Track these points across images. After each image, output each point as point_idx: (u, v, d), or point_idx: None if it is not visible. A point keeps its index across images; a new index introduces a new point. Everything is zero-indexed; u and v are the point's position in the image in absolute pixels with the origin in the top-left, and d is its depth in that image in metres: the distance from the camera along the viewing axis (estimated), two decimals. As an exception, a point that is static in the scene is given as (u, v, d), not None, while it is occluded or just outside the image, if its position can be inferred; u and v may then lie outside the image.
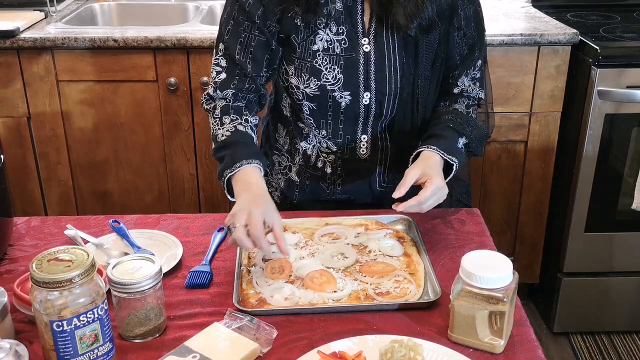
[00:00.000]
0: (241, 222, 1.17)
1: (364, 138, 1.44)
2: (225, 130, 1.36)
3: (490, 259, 1.05)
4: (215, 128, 1.38)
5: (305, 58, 1.36)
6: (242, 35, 1.35)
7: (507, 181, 2.41)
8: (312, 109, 1.40)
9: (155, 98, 2.27)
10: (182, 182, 2.40)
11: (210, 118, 1.41)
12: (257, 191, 1.26)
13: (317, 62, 1.35)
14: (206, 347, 1.01)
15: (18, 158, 2.33)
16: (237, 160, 1.30)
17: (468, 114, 1.43)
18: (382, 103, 1.39)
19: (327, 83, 1.36)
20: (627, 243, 2.33)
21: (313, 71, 1.36)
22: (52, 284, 0.91)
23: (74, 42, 2.16)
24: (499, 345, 1.03)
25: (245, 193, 1.25)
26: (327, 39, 1.35)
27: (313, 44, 1.35)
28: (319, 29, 1.34)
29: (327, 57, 1.35)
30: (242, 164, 1.29)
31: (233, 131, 1.35)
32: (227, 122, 1.37)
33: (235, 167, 1.29)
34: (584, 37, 2.20)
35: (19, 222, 1.41)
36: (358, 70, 1.36)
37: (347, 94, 1.37)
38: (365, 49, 1.36)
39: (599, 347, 2.40)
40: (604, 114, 2.15)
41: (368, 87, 1.37)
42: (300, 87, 1.38)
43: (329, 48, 1.35)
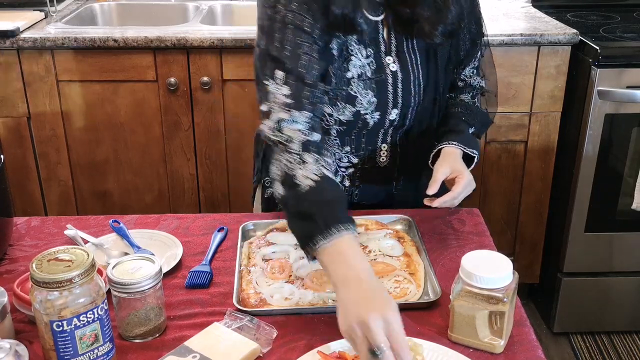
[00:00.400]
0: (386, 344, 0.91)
1: (384, 147, 1.43)
2: (310, 173, 1.12)
3: (490, 259, 1.05)
4: (292, 167, 1.14)
5: (340, 87, 1.32)
6: (304, 57, 1.21)
7: (507, 181, 2.41)
8: (340, 131, 1.38)
9: (155, 98, 2.27)
10: (182, 182, 2.40)
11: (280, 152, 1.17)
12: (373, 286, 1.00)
13: (352, 89, 1.32)
14: (206, 347, 1.01)
15: (18, 158, 2.33)
16: (331, 225, 1.05)
17: (474, 104, 1.46)
18: (406, 115, 1.39)
19: (362, 108, 1.34)
20: (627, 243, 2.33)
21: (349, 99, 1.33)
22: (52, 284, 0.91)
23: (74, 42, 2.16)
24: (499, 345, 1.03)
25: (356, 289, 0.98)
26: (360, 63, 1.32)
27: (347, 71, 1.32)
28: (352, 55, 1.31)
29: (361, 82, 1.32)
30: (340, 230, 1.05)
31: (321, 176, 1.12)
32: (310, 161, 1.14)
33: (331, 235, 1.04)
34: (584, 37, 2.20)
35: (19, 222, 1.41)
36: (387, 90, 1.35)
37: (377, 114, 1.36)
38: (392, 68, 1.34)
39: (599, 347, 2.40)
40: (604, 114, 2.15)
41: (396, 104, 1.36)
42: (334, 115, 1.35)
43: (362, 73, 1.32)
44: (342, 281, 1.00)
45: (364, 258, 1.04)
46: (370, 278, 1.00)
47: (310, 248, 1.06)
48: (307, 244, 1.07)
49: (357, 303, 0.95)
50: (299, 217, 1.10)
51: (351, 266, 1.02)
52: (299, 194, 1.11)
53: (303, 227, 1.09)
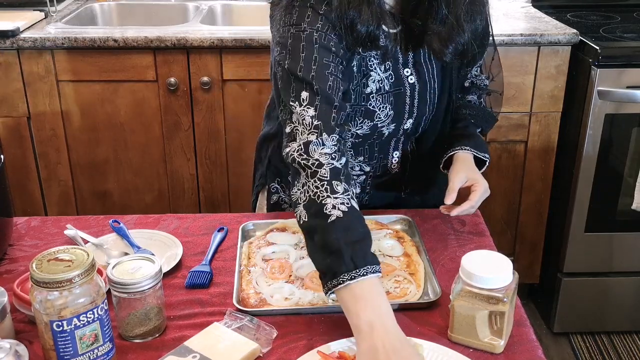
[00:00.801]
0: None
1: (396, 154, 1.42)
2: (339, 203, 1.09)
3: (490, 259, 1.05)
4: (321, 194, 1.10)
5: (359, 103, 1.30)
6: (331, 78, 1.18)
7: (507, 181, 2.41)
8: (355, 142, 1.37)
9: (155, 98, 2.27)
10: (182, 182, 2.40)
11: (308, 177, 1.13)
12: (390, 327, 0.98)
13: (370, 105, 1.31)
14: (206, 347, 1.01)
15: (18, 158, 2.33)
16: (359, 265, 1.02)
17: (481, 104, 1.46)
18: (419, 123, 1.39)
19: (379, 122, 1.33)
20: (627, 243, 2.33)
21: (367, 114, 1.31)
22: (52, 284, 0.91)
23: (74, 42, 2.16)
24: (499, 345, 1.03)
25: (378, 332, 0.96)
26: (379, 78, 1.30)
27: (366, 87, 1.29)
28: (370, 71, 1.29)
29: (379, 97, 1.30)
30: (367, 274, 1.02)
31: (349, 207, 1.09)
32: (339, 191, 1.10)
33: (356, 275, 1.02)
34: (584, 37, 2.20)
35: (19, 222, 1.41)
36: (405, 102, 1.34)
37: (392, 125, 1.35)
38: (410, 81, 1.32)
39: (599, 347, 2.40)
40: (604, 114, 2.15)
41: (411, 115, 1.35)
42: (352, 130, 1.33)
43: (380, 88, 1.30)
44: (366, 325, 0.97)
45: (388, 304, 1.01)
46: (396, 327, 0.98)
47: (332, 284, 1.03)
48: (329, 279, 1.03)
49: (386, 353, 0.93)
50: (324, 250, 1.06)
51: (376, 312, 0.98)
52: (326, 224, 1.07)
53: (327, 260, 1.05)
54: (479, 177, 1.31)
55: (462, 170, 1.32)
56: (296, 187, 1.15)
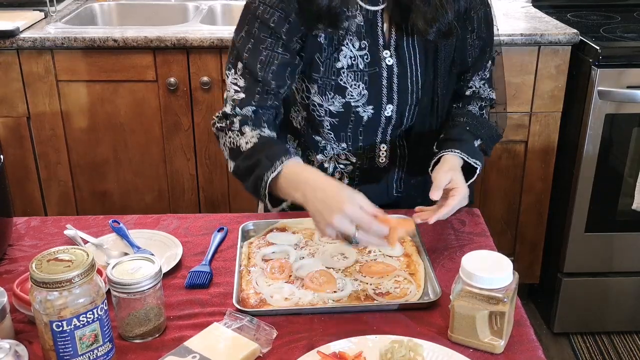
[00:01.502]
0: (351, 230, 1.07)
1: (383, 147, 1.42)
2: (249, 138, 1.25)
3: (490, 259, 1.05)
4: (235, 140, 1.27)
5: (329, 76, 1.32)
6: (264, 52, 1.28)
7: (507, 181, 2.41)
8: (333, 124, 1.38)
9: (155, 98, 2.27)
10: (182, 182, 2.40)
11: (224, 136, 1.30)
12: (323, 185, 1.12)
13: (341, 80, 1.33)
14: (206, 348, 1.01)
15: (18, 158, 2.33)
16: (275, 160, 1.17)
17: (482, 116, 1.44)
18: (403, 113, 1.38)
19: (352, 100, 1.34)
20: (627, 243, 2.33)
21: (338, 89, 1.33)
22: (51, 284, 0.91)
23: (73, 42, 2.16)
24: (499, 345, 1.03)
25: (309, 193, 1.11)
26: (351, 55, 1.32)
27: (337, 61, 1.32)
28: (342, 46, 1.31)
29: (351, 74, 1.32)
30: (283, 161, 1.17)
31: (259, 137, 1.25)
32: (248, 130, 1.27)
33: (276, 167, 1.16)
34: (584, 37, 2.20)
35: (18, 222, 1.41)
36: (382, 85, 1.34)
37: (370, 108, 1.35)
38: (388, 62, 1.33)
39: (599, 347, 2.40)
40: (604, 114, 2.15)
41: (391, 100, 1.36)
42: (324, 105, 1.35)
43: (353, 64, 1.32)
44: (302, 196, 1.12)
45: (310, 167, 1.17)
46: (317, 178, 1.13)
47: (262, 188, 1.17)
48: (259, 185, 1.17)
49: (321, 211, 1.08)
50: (248, 173, 1.21)
51: (299, 177, 1.14)
52: (244, 156, 1.24)
53: (253, 176, 1.19)
54: (460, 184, 1.26)
55: (448, 170, 1.29)
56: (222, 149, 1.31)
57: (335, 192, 1.10)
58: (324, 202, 1.09)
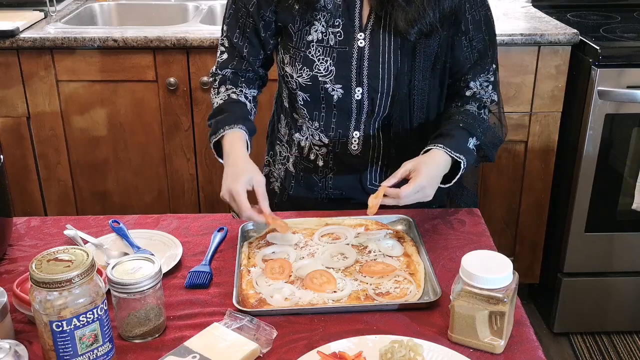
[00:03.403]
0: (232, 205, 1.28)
1: (356, 134, 1.44)
2: (219, 99, 1.44)
3: (490, 259, 1.05)
4: (212, 98, 1.46)
5: (299, 48, 1.37)
6: (240, 20, 1.42)
7: (507, 181, 2.41)
8: (306, 99, 1.42)
9: (155, 98, 2.27)
10: (181, 182, 2.40)
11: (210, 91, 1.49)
12: (234, 161, 1.32)
13: (310, 53, 1.37)
14: (206, 348, 1.01)
15: (18, 158, 2.33)
16: (220, 127, 1.36)
17: (480, 115, 1.42)
18: (374, 100, 1.39)
19: (319, 74, 1.37)
20: (627, 243, 2.33)
21: (306, 61, 1.37)
22: (51, 284, 0.91)
23: (73, 42, 2.16)
24: (499, 345, 1.03)
25: (227, 167, 1.32)
26: (322, 30, 1.36)
27: (308, 34, 1.36)
28: (314, 20, 1.35)
29: (320, 48, 1.36)
30: (225, 130, 1.35)
31: (226, 99, 1.43)
32: (222, 91, 1.44)
33: (218, 133, 1.36)
34: (584, 37, 2.20)
35: (18, 222, 1.41)
36: (351, 65, 1.37)
37: (339, 87, 1.38)
38: (359, 44, 1.36)
39: (599, 347, 2.40)
40: (604, 114, 2.15)
41: (360, 83, 1.38)
42: (294, 76, 1.40)
43: (323, 39, 1.36)
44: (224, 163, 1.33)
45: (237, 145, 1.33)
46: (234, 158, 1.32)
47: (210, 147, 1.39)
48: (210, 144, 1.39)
49: (224, 179, 1.29)
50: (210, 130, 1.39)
51: (228, 154, 1.33)
52: (211, 113, 1.42)
53: (209, 134, 1.39)
54: (423, 173, 1.24)
55: (414, 160, 1.28)
56: None
57: (239, 170, 1.28)
58: (226, 174, 1.29)
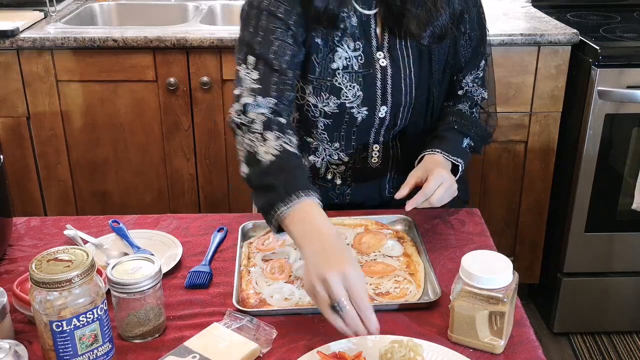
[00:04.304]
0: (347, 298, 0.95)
1: (375, 147, 1.42)
2: (271, 149, 1.15)
3: (490, 259, 1.05)
4: (254, 144, 1.17)
5: (324, 77, 1.33)
6: (276, 43, 1.25)
7: (507, 181, 2.41)
8: (327, 124, 1.38)
9: (154, 98, 2.27)
10: (181, 183, 2.40)
11: (243, 133, 1.21)
12: (333, 241, 1.02)
13: (337, 81, 1.33)
14: (206, 348, 1.01)
15: (17, 158, 2.33)
16: (292, 191, 1.07)
17: (472, 114, 1.44)
18: (397, 114, 1.38)
19: (347, 101, 1.34)
20: (627, 243, 2.33)
21: (333, 90, 1.33)
22: (51, 285, 0.91)
23: (73, 42, 2.16)
24: (499, 345, 1.03)
25: (317, 243, 1.01)
26: (346, 56, 1.32)
27: (332, 62, 1.32)
28: (338, 47, 1.31)
29: (346, 75, 1.33)
30: (300, 197, 1.06)
31: (281, 151, 1.15)
32: (271, 138, 1.17)
33: (292, 201, 1.06)
34: (584, 37, 2.20)
35: (18, 222, 1.41)
36: (376, 86, 1.34)
37: (364, 109, 1.35)
38: (381, 64, 1.34)
39: (599, 347, 2.40)
40: (604, 114, 2.15)
41: (385, 101, 1.36)
42: (319, 106, 1.35)
43: (348, 65, 1.33)
44: (302, 238, 1.03)
45: (325, 218, 1.05)
46: (330, 233, 1.02)
47: (272, 216, 1.08)
48: (269, 213, 1.08)
49: (317, 259, 0.98)
50: (262, 190, 1.12)
51: (312, 224, 1.04)
52: (260, 169, 1.14)
53: (265, 198, 1.10)
54: (435, 169, 1.25)
55: (420, 168, 1.29)
56: (237, 146, 1.22)
57: (341, 250, 1.01)
58: (326, 255, 0.99)
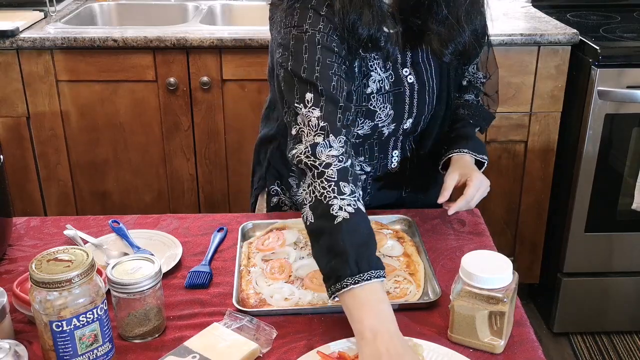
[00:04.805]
0: None
1: (395, 153, 1.42)
2: (346, 205, 1.08)
3: (490, 259, 1.05)
4: (327, 195, 1.09)
5: (360, 103, 1.29)
6: (335, 78, 1.18)
7: (507, 181, 2.41)
8: (355, 142, 1.36)
9: (154, 98, 2.27)
10: (181, 183, 2.40)
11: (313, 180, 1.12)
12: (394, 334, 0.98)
13: (371, 105, 1.30)
14: (206, 348, 1.01)
15: (17, 158, 2.33)
16: (363, 269, 1.02)
17: (478, 103, 1.47)
18: (419, 123, 1.38)
19: (380, 122, 1.33)
20: (627, 243, 2.33)
21: (368, 114, 1.31)
22: (51, 284, 0.91)
23: (73, 42, 2.16)
24: (499, 345, 1.03)
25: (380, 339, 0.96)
26: (379, 79, 1.30)
27: (367, 87, 1.29)
28: (371, 71, 1.29)
29: (380, 97, 1.30)
30: (370, 278, 1.01)
31: (356, 209, 1.09)
32: (347, 192, 1.10)
33: (361, 280, 1.01)
34: (584, 37, 2.20)
35: (18, 222, 1.41)
36: (405, 102, 1.33)
37: (393, 125, 1.35)
38: (409, 80, 1.32)
39: (599, 347, 2.40)
40: (604, 114, 2.15)
41: (411, 115, 1.35)
42: (353, 130, 1.31)
43: (381, 87, 1.30)
44: (370, 331, 0.96)
45: (391, 310, 1.00)
46: (398, 333, 0.98)
47: (335, 288, 1.02)
48: (333, 282, 1.03)
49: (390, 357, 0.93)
50: (329, 252, 1.05)
51: (380, 318, 0.98)
52: (332, 226, 1.06)
53: (332, 263, 1.04)
54: (473, 173, 1.32)
55: (455, 171, 1.33)
56: (302, 187, 1.15)
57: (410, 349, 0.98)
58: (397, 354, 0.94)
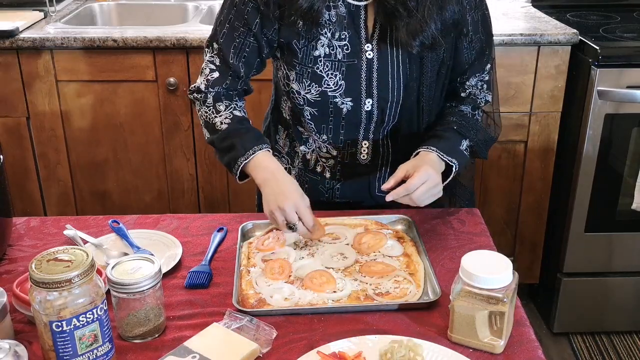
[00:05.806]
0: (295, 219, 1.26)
1: (365, 144, 1.42)
2: (223, 118, 1.38)
3: (490, 259, 1.05)
4: (210, 116, 1.40)
5: (306, 64, 1.34)
6: (237, 40, 1.36)
7: (507, 181, 2.41)
8: (313, 114, 1.39)
9: (154, 98, 2.27)
10: (181, 183, 2.40)
11: (199, 106, 1.43)
12: (283, 178, 1.31)
13: (318, 68, 1.33)
14: (206, 348, 1.01)
15: (17, 158, 2.33)
16: (248, 148, 1.33)
17: (473, 117, 1.43)
18: (384, 110, 1.38)
19: (328, 89, 1.35)
20: (627, 243, 2.33)
21: (314, 77, 1.34)
22: (51, 285, 0.91)
23: (73, 42, 2.16)
24: (499, 345, 1.03)
25: (271, 182, 1.30)
26: (329, 44, 1.32)
27: (314, 49, 1.33)
28: (321, 35, 1.32)
29: (328, 63, 1.33)
30: (255, 151, 1.33)
31: (232, 118, 1.38)
32: (222, 109, 1.39)
33: (248, 155, 1.32)
34: (584, 37, 2.20)
35: (18, 222, 1.41)
36: (360, 77, 1.34)
37: (348, 100, 1.36)
38: (368, 56, 1.33)
39: (599, 348, 2.40)
40: (604, 114, 2.15)
41: (370, 94, 1.36)
42: (301, 93, 1.37)
43: (331, 54, 1.33)
44: (263, 181, 1.31)
45: (278, 164, 1.34)
46: (283, 176, 1.31)
47: (236, 169, 1.34)
48: (233, 166, 1.34)
49: (276, 195, 1.27)
50: (225, 151, 1.37)
51: (268, 170, 1.31)
52: (219, 135, 1.38)
53: (229, 157, 1.36)
54: (423, 167, 1.25)
55: (410, 162, 1.29)
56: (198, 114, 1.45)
57: (292, 187, 1.29)
58: (281, 190, 1.27)
